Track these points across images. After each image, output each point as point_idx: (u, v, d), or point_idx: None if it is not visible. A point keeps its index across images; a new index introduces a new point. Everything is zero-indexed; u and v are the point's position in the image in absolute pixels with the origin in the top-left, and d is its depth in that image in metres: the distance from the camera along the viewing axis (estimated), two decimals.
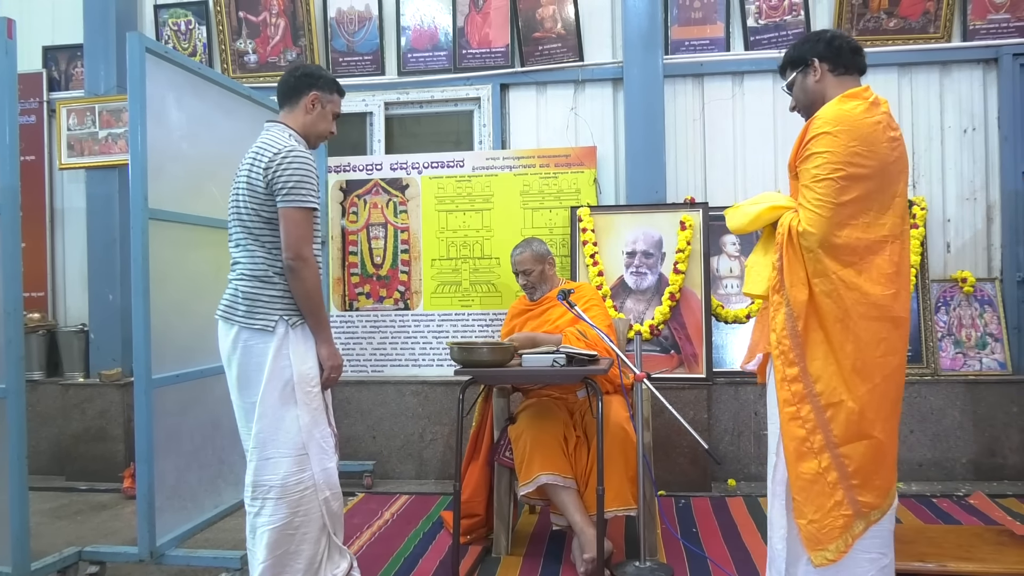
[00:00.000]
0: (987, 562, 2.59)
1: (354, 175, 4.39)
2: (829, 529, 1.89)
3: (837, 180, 1.88)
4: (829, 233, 1.89)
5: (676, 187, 4.23)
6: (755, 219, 2.07)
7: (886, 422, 1.94)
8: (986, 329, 3.98)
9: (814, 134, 1.93)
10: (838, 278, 1.90)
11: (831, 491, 1.90)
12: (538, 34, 4.30)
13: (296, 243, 2.21)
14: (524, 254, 3.23)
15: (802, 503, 1.93)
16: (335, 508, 2.36)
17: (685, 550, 2.96)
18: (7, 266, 2.46)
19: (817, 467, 1.91)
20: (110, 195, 4.43)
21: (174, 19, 4.64)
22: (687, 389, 3.87)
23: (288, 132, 2.34)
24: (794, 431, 1.94)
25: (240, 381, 2.28)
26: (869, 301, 1.90)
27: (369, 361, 4.32)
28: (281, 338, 2.25)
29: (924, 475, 3.87)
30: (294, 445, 2.24)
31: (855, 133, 1.89)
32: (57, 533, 3.37)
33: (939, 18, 4.04)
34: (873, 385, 1.91)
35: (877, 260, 1.91)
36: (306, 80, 2.38)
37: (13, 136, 2.50)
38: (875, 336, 1.91)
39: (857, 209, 1.90)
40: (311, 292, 2.24)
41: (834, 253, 1.90)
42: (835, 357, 1.91)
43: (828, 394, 1.91)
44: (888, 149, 1.93)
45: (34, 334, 4.45)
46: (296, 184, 2.20)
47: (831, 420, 1.91)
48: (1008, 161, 4.02)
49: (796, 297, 1.94)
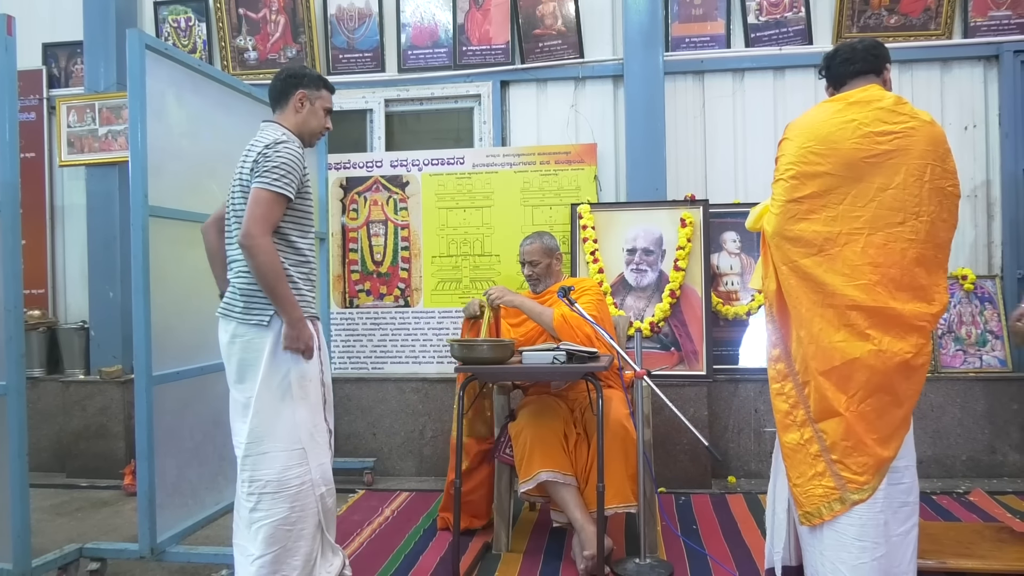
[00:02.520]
0: (987, 559, 2.59)
1: (354, 172, 4.39)
2: (809, 495, 2.04)
3: (788, 179, 2.06)
4: (781, 227, 2.07)
5: (676, 184, 4.23)
6: (756, 218, 2.24)
7: (856, 403, 1.99)
8: (986, 326, 3.98)
9: (779, 141, 2.17)
10: (795, 267, 2.05)
11: (813, 461, 2.04)
12: (538, 31, 4.30)
13: (249, 222, 2.19)
14: (534, 245, 3.23)
15: (789, 468, 2.10)
16: (330, 504, 2.36)
17: (685, 547, 2.97)
18: (7, 263, 2.45)
19: (799, 439, 2.07)
20: (110, 192, 4.43)
21: (174, 16, 4.63)
22: (687, 386, 3.87)
23: (281, 130, 2.35)
24: (779, 405, 2.12)
25: (238, 376, 2.29)
26: (826, 291, 2.01)
27: (369, 358, 4.32)
28: (278, 333, 2.25)
29: (924, 472, 3.87)
30: (291, 440, 2.25)
31: (811, 133, 2.06)
32: (58, 530, 3.38)
33: (940, 15, 4.04)
34: (831, 367, 2.00)
35: (844, 252, 2.00)
36: (291, 81, 2.41)
37: (13, 133, 2.49)
38: (833, 323, 2.00)
39: (816, 204, 2.03)
40: (264, 271, 2.20)
41: (787, 246, 2.06)
42: (801, 340, 2.06)
43: (803, 373, 2.07)
44: (856, 147, 2.00)
45: (34, 331, 4.46)
46: (272, 168, 2.21)
47: (808, 397, 2.06)
48: (1009, 158, 4.02)
49: (768, 287, 2.16)
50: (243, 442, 2.25)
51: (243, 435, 2.26)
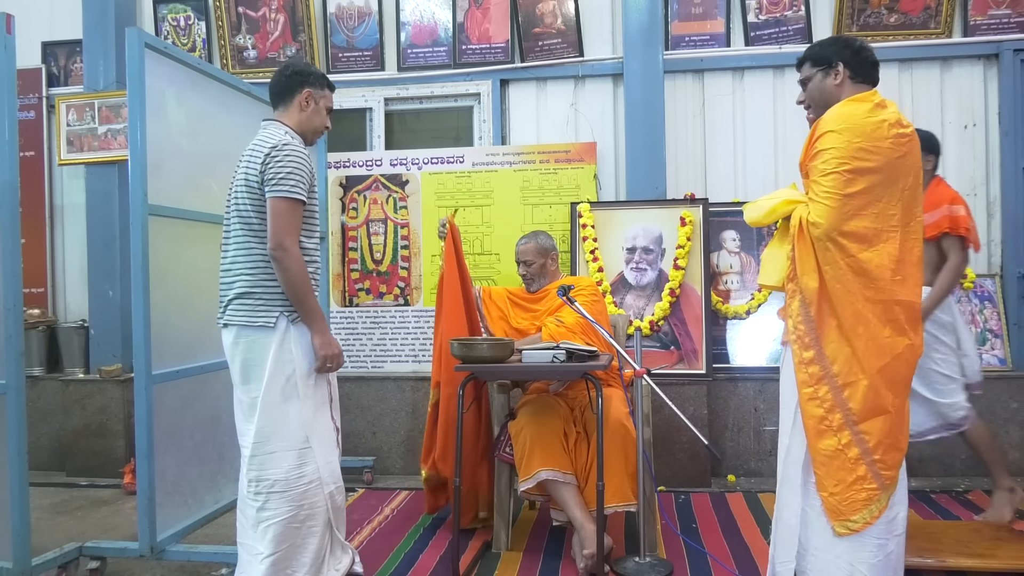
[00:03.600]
0: (986, 557, 2.59)
1: (354, 171, 4.39)
2: (851, 502, 1.99)
3: (843, 173, 1.98)
4: (838, 223, 1.99)
5: (676, 183, 4.23)
6: (770, 212, 2.17)
7: (897, 398, 2.03)
8: (986, 325, 3.98)
9: (821, 133, 2.04)
10: (846, 265, 2.00)
11: (853, 466, 1.99)
12: (538, 29, 4.29)
13: (278, 233, 2.21)
14: (528, 244, 3.23)
15: (823, 477, 2.03)
16: (339, 502, 2.37)
17: (685, 546, 2.97)
18: (7, 262, 2.45)
19: (836, 444, 2.01)
20: (110, 191, 4.43)
21: (173, 14, 4.63)
22: (687, 385, 3.88)
23: (284, 129, 2.35)
24: (812, 410, 2.04)
25: (243, 376, 2.29)
26: (876, 286, 2.00)
27: (369, 357, 4.32)
28: (283, 333, 2.26)
29: (924, 471, 3.87)
30: (297, 439, 2.25)
31: (858, 130, 1.99)
32: (58, 529, 3.38)
33: (940, 14, 4.03)
34: (884, 364, 2.00)
35: (887, 247, 2.01)
36: (297, 78, 2.41)
37: (12, 132, 2.49)
38: (882, 318, 2.01)
39: (865, 200, 2.00)
40: (295, 282, 2.24)
41: (843, 241, 2.00)
42: (848, 339, 2.01)
43: (845, 374, 2.01)
44: (892, 146, 2.01)
45: (34, 330, 4.45)
46: (286, 176, 2.22)
47: (849, 399, 2.01)
48: (1008, 157, 4.02)
49: (808, 285, 2.04)
50: (250, 442, 2.26)
51: (250, 435, 2.26)
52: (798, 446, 2.08)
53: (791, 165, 4.03)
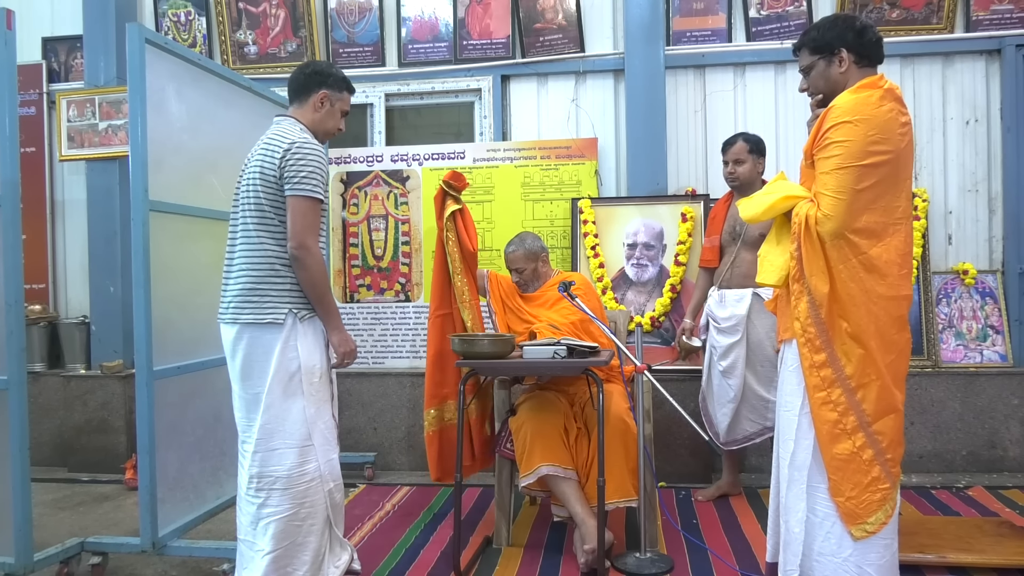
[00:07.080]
0: (986, 553, 2.59)
1: (355, 167, 4.38)
2: (867, 504, 1.96)
3: (856, 168, 1.92)
4: (850, 219, 1.94)
5: (677, 179, 4.22)
6: (769, 209, 2.08)
7: (902, 394, 2.04)
8: (987, 321, 3.98)
9: (833, 123, 1.96)
10: (858, 262, 1.96)
11: (867, 468, 1.96)
12: (539, 25, 4.28)
13: (301, 232, 2.23)
14: (516, 252, 3.21)
15: (839, 482, 1.98)
16: (338, 499, 2.37)
17: (686, 541, 2.97)
18: (8, 258, 2.45)
19: (851, 447, 1.96)
20: (111, 187, 4.43)
21: (174, 10, 4.62)
22: (688, 381, 3.87)
23: (299, 126, 2.36)
24: (826, 415, 1.98)
25: (244, 371, 2.28)
26: (887, 282, 1.97)
27: (370, 353, 4.32)
28: (289, 330, 2.25)
29: (924, 467, 3.88)
30: (299, 436, 2.25)
31: (873, 122, 1.93)
32: (59, 524, 3.39)
33: (942, 9, 4.02)
34: (891, 360, 1.99)
35: (893, 241, 1.98)
36: (316, 78, 2.40)
37: (13, 128, 2.49)
38: (892, 314, 1.99)
39: (876, 194, 1.95)
40: (316, 281, 2.26)
41: (855, 237, 1.95)
42: (861, 339, 1.96)
43: (859, 376, 1.97)
44: (900, 136, 1.97)
45: (35, 326, 4.46)
46: (308, 175, 2.23)
47: (862, 400, 1.97)
48: (1011, 152, 4.01)
49: (817, 287, 1.97)
50: (252, 439, 2.25)
51: (252, 432, 2.26)
52: (804, 449, 2.03)
53: (793, 160, 4.02)
